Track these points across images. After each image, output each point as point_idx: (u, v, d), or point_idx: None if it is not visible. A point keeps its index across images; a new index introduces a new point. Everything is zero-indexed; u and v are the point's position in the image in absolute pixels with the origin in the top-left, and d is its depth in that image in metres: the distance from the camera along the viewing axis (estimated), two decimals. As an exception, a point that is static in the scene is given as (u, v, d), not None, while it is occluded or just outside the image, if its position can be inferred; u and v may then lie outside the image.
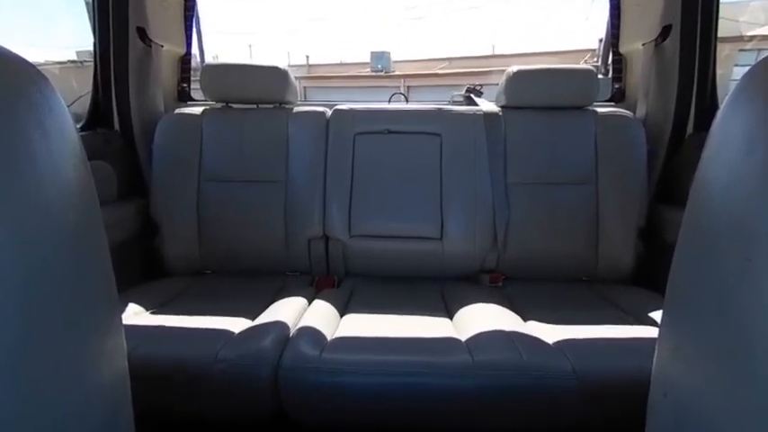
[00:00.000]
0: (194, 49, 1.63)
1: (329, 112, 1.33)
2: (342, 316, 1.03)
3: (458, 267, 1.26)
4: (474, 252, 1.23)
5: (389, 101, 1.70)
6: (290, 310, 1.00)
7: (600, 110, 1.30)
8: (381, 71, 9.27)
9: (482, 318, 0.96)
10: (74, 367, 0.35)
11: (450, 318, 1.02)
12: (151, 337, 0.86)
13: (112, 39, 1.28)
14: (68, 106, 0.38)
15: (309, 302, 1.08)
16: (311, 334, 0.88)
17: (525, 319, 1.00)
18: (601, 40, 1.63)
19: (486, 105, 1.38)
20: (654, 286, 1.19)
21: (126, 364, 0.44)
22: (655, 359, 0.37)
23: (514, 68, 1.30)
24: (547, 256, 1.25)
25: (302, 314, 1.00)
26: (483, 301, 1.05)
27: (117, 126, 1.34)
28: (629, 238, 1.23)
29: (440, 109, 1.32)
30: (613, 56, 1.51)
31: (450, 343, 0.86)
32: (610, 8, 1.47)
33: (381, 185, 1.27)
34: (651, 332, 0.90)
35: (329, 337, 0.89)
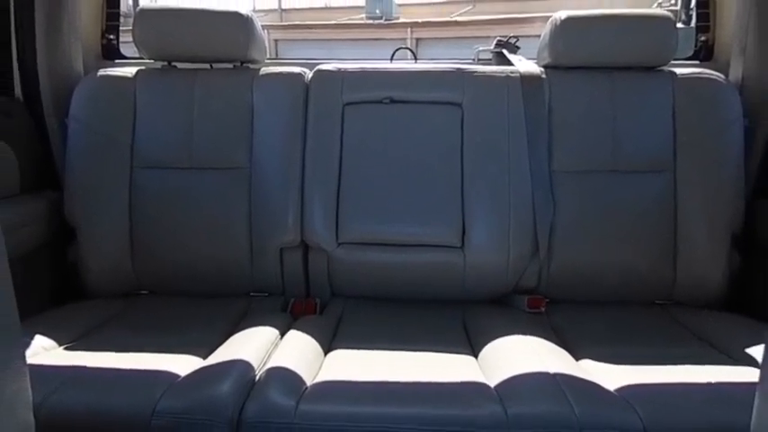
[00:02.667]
0: (125, -11, 1.63)
1: (309, 74, 1.33)
2: (326, 353, 1.03)
3: (485, 286, 1.26)
4: (507, 265, 1.23)
5: (392, 58, 1.71)
6: (255, 345, 1.00)
7: (680, 71, 1.31)
8: (381, 18, 9.27)
9: (518, 355, 0.96)
10: None
11: (475, 355, 1.02)
12: (66, 381, 0.85)
13: None
14: None
15: (282, 334, 1.08)
16: (284, 377, 0.88)
17: (577, 357, 1.00)
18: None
19: (525, 65, 1.39)
20: (753, 312, 1.20)
21: (31, 419, 0.44)
22: (755, 411, 0.37)
23: (563, 14, 1.31)
24: (606, 272, 1.25)
25: (272, 350, 1.00)
26: (519, 333, 1.05)
27: (19, 93, 1.34)
28: (719, 246, 1.23)
29: (460, 69, 1.32)
30: (699, -2, 1.52)
31: (474, 390, 0.86)
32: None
33: (380, 175, 1.27)
34: (749, 374, 0.90)
35: (308, 382, 0.88)
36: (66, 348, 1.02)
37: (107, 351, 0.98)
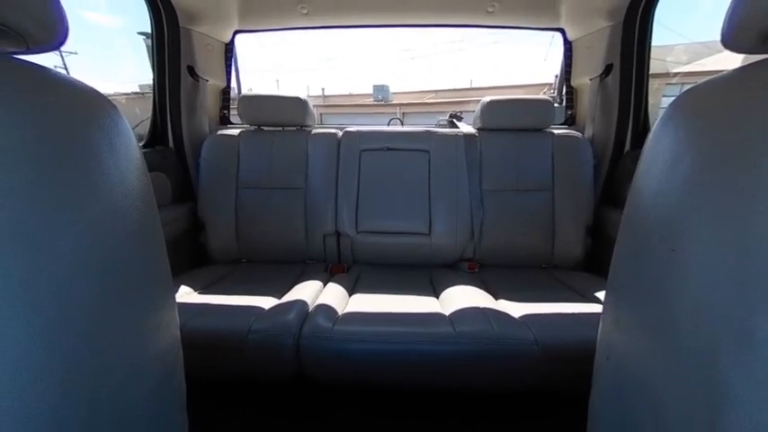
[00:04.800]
0: (233, 83, 1.63)
1: (340, 134, 1.33)
2: (350, 296, 1.02)
3: (442, 257, 1.26)
4: (455, 245, 1.23)
5: (388, 124, 1.70)
6: (308, 291, 0.99)
7: (556, 131, 1.29)
8: (382, 100, 9.26)
9: (462, 297, 0.95)
10: (136, 336, 0.35)
11: (437, 297, 1.01)
12: (199, 312, 0.86)
13: (168, 75, 1.28)
14: (133, 128, 0.38)
15: (324, 285, 1.08)
16: (326, 310, 0.88)
17: (497, 298, 0.99)
18: (556, 76, 1.62)
19: (466, 128, 1.38)
20: (598, 271, 1.19)
21: (179, 334, 0.45)
22: (599, 330, 0.37)
23: (488, 99, 1.30)
24: (513, 248, 1.24)
25: (318, 294, 1.00)
26: (463, 284, 1.04)
27: (171, 144, 1.34)
28: (578, 233, 1.22)
29: (428, 131, 1.31)
30: (566, 88, 1.51)
31: (436, 317, 0.86)
32: (564, 50, 1.47)
33: (382, 191, 1.26)
34: (596, 308, 0.89)
35: (340, 313, 0.89)
36: (199, 293, 1.02)
37: (222, 295, 0.98)
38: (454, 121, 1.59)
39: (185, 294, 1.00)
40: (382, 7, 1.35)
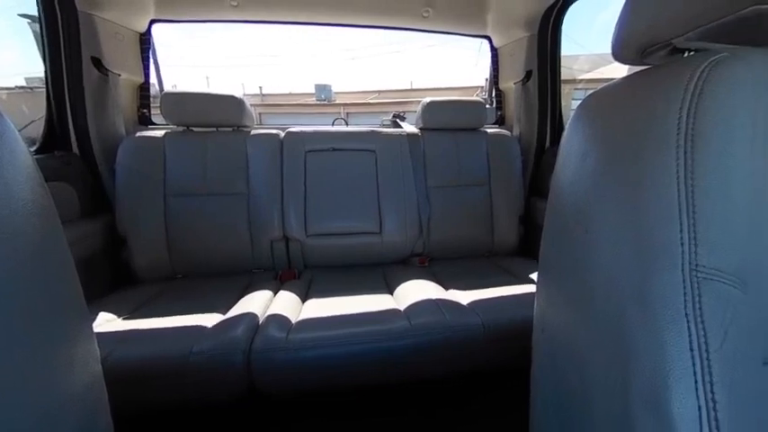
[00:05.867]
0: (153, 79, 1.44)
1: (282, 134, 1.27)
2: (304, 302, 0.99)
3: (394, 253, 1.28)
4: (406, 241, 1.26)
5: (333, 124, 1.68)
6: (258, 302, 0.93)
7: (489, 130, 1.40)
8: (324, 100, 9.07)
9: (415, 291, 0.98)
10: (44, 377, 0.30)
11: (391, 293, 1.03)
12: (124, 340, 0.75)
13: (65, 67, 1.08)
14: (20, 131, 0.31)
15: (275, 293, 1.02)
16: (278, 320, 0.83)
17: (447, 288, 1.04)
18: (486, 80, 1.76)
19: (409, 128, 1.43)
20: (531, 255, 1.32)
21: (100, 369, 0.38)
22: (535, 307, 0.41)
23: (427, 100, 1.36)
24: (459, 240, 1.32)
25: (269, 304, 0.95)
26: (415, 278, 1.08)
27: (75, 148, 1.14)
28: (513, 223, 1.34)
29: (373, 131, 1.32)
30: (495, 91, 1.64)
31: (392, 313, 0.87)
32: (491, 56, 1.61)
33: (330, 193, 1.24)
34: (532, 288, 0.98)
35: (294, 321, 0.85)
36: (123, 319, 0.88)
37: (154, 317, 0.87)
38: (398, 121, 1.63)
39: (106, 322, 0.86)
40: (319, 5, 1.32)
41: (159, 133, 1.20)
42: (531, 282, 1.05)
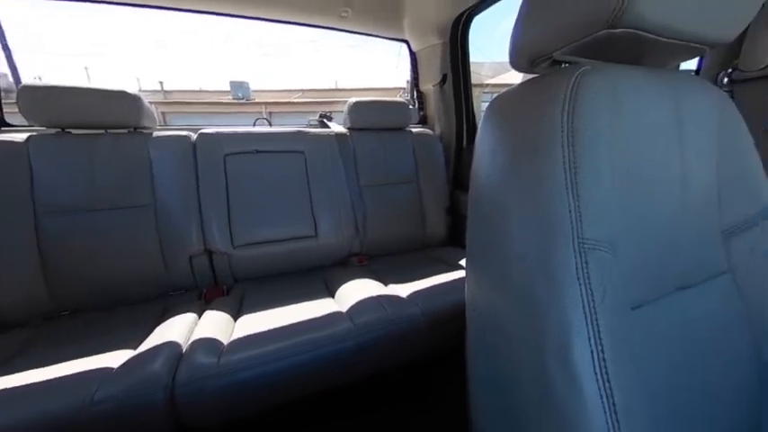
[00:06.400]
0: (3, 69, 1.13)
1: (194, 136, 1.13)
2: (236, 320, 0.90)
3: (332, 255, 1.25)
4: (343, 242, 1.25)
5: (254, 125, 1.56)
6: (179, 328, 0.81)
7: (413, 130, 1.47)
8: (242, 99, 8.38)
9: (357, 291, 0.97)
10: None
11: (333, 296, 1.01)
12: None
13: None
14: None
15: (200, 316, 0.90)
16: (206, 344, 0.74)
17: (386, 284, 1.06)
18: (408, 81, 1.85)
19: (337, 128, 1.41)
20: (459, 244, 1.44)
21: None
22: (466, 290, 0.45)
23: (353, 100, 1.36)
24: (394, 236, 1.35)
25: (193, 328, 0.83)
26: (355, 278, 1.07)
27: None
28: (441, 215, 1.44)
29: (300, 131, 1.27)
30: (417, 93, 1.73)
31: (335, 316, 0.85)
32: (411, 59, 1.69)
33: (258, 198, 1.15)
34: (462, 273, 1.06)
35: (225, 342, 0.76)
36: None
37: (35, 368, 0.69)
38: (325, 121, 1.60)
39: None
40: None
41: (20, 137, 0.95)
42: (462, 267, 1.14)
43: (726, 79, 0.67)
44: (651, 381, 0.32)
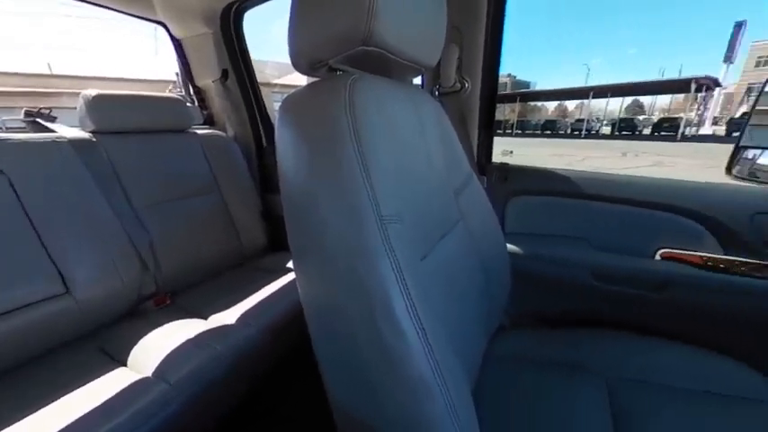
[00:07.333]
0: None
1: None
2: None
3: (109, 310, 0.90)
4: (123, 286, 0.90)
5: None
6: None
7: (200, 132, 1.27)
8: None
9: (161, 341, 0.76)
10: None
11: (125, 363, 0.74)
12: None
13: None
14: None
15: None
16: None
17: (206, 317, 0.90)
18: (178, 74, 1.54)
19: (71, 132, 0.99)
20: (283, 247, 1.41)
21: None
22: (299, 291, 0.45)
23: (92, 93, 0.99)
24: (202, 259, 1.15)
25: None
26: (156, 327, 0.83)
27: None
28: (256, 222, 1.34)
29: None
30: (194, 88, 1.49)
31: (136, 387, 0.64)
32: (174, 48, 1.41)
33: None
34: (292, 275, 1.05)
35: None
36: None
37: None
38: (40, 121, 1.07)
39: None
40: None
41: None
42: (290, 270, 1.13)
43: (437, 92, 0.99)
44: (439, 309, 0.45)
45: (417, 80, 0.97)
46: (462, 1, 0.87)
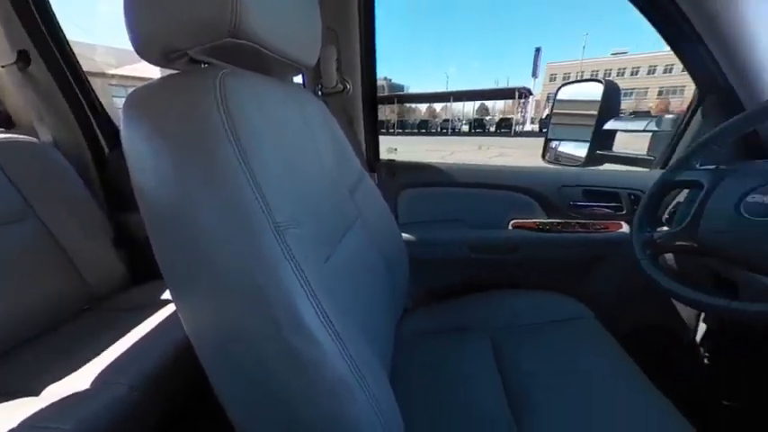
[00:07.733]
0: None
1: None
2: None
3: None
4: None
5: None
6: None
7: None
8: None
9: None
10: None
11: None
12: None
13: None
14: None
15: None
16: None
17: (38, 393, 0.65)
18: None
19: None
20: (153, 276, 1.14)
21: None
22: (183, 324, 0.38)
23: None
24: (24, 313, 0.82)
25: None
26: None
27: None
28: (107, 251, 1.05)
29: None
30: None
31: None
32: None
33: None
34: (172, 308, 0.89)
35: None
36: None
37: None
38: None
39: None
40: None
41: None
42: (169, 302, 0.94)
43: (320, 93, 0.99)
44: (348, 307, 0.46)
45: (297, 79, 0.94)
46: (334, 3, 0.89)
